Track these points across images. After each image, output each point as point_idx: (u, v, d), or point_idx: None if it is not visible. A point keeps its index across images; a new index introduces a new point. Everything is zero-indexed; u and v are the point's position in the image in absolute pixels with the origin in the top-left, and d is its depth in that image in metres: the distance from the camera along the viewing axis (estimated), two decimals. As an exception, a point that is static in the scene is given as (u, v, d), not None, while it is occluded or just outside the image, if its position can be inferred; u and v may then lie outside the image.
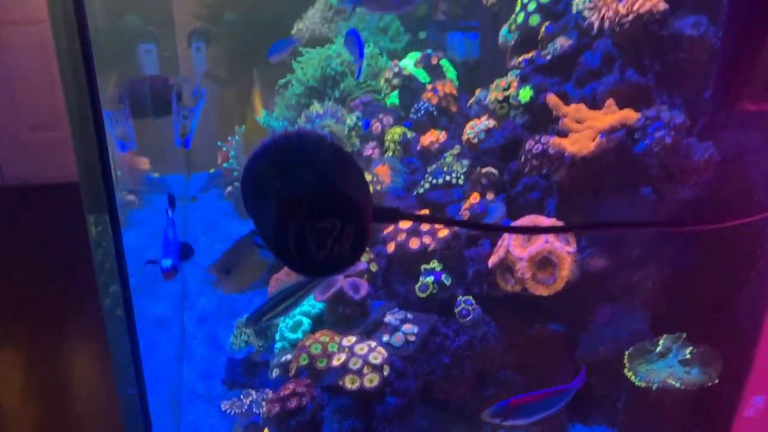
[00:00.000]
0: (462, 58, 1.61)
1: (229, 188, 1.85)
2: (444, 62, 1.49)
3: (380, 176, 1.21)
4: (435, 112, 1.40)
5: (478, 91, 1.38)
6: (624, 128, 1.04)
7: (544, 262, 1.09)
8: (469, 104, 1.40)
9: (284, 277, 1.35)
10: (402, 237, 1.17)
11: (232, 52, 2.05)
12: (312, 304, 1.17)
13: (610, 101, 1.05)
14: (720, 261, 1.15)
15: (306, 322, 1.16)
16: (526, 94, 1.13)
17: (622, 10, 1.04)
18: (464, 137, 1.21)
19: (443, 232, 1.12)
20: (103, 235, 0.82)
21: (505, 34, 1.37)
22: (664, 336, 1.19)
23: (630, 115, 1.03)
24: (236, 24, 2.05)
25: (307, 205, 0.61)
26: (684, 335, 1.17)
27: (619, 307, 1.17)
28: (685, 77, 1.06)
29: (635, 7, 1.02)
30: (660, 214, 1.09)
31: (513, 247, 1.08)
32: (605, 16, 1.05)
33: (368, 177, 1.21)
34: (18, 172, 3.86)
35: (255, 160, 0.62)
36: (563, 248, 1.08)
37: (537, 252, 1.09)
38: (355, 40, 1.27)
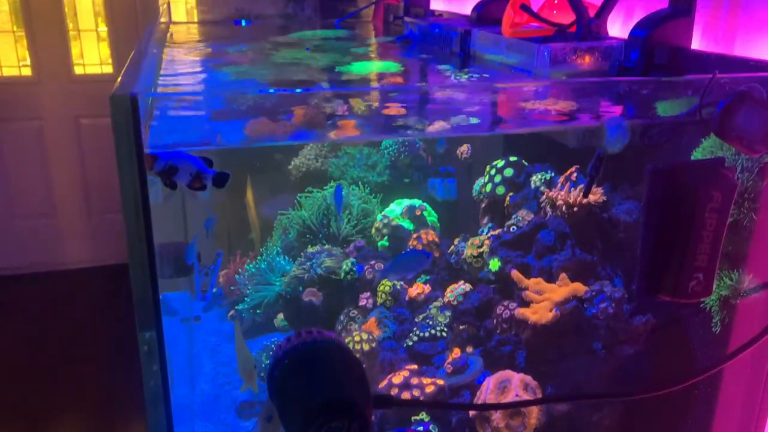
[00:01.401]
0: (442, 199, 1.85)
1: (232, 312, 2.04)
2: (426, 211, 1.72)
3: (373, 329, 1.42)
4: (420, 258, 1.62)
5: (456, 241, 1.60)
6: (575, 298, 1.26)
7: (516, 413, 1.29)
8: (449, 250, 1.63)
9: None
10: (395, 391, 1.37)
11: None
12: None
13: (563, 275, 1.28)
14: (663, 403, 1.36)
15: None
16: (495, 264, 1.37)
17: (571, 200, 1.28)
18: (445, 299, 1.43)
19: (430, 388, 1.33)
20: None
21: (477, 192, 1.61)
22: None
23: (579, 288, 1.26)
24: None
25: (324, 413, 0.81)
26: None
27: (583, 441, 1.38)
28: (623, 254, 1.29)
29: (581, 200, 1.26)
30: (609, 366, 1.31)
31: (489, 400, 1.29)
32: (557, 205, 1.29)
33: (364, 336, 1.41)
34: (12, 261, 4.10)
35: (277, 364, 0.83)
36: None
37: (504, 402, 1.29)
38: (336, 196, 1.51)
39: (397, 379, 1.35)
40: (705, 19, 1.31)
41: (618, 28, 1.55)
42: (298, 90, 0.95)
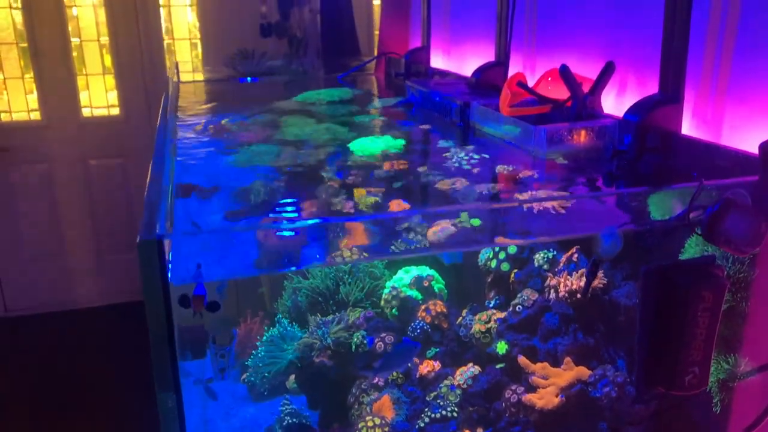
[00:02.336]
0: (449, 263, 1.90)
1: (245, 375, 2.09)
2: (434, 281, 1.77)
3: (385, 410, 1.46)
4: (429, 330, 1.67)
5: (464, 313, 1.65)
6: (580, 382, 1.31)
7: (523, 488, 1.34)
8: (458, 322, 1.68)
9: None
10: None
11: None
12: None
13: (567, 359, 1.33)
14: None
15: None
16: (502, 347, 1.42)
17: (574, 285, 1.33)
18: (455, 381, 1.48)
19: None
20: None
21: (483, 263, 1.66)
22: None
23: (583, 372, 1.30)
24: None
25: None
26: None
27: None
28: (624, 338, 1.34)
29: (581, 289, 1.31)
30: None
31: (497, 478, 1.33)
32: (560, 290, 1.34)
33: (377, 420, 1.46)
34: (22, 301, 4.21)
35: None
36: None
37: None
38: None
39: (408, 460, 1.40)
40: (693, 104, 1.37)
41: (612, 101, 1.61)
42: (316, 220, 1.00)
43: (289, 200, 1.32)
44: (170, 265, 0.85)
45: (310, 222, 0.98)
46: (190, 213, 1.17)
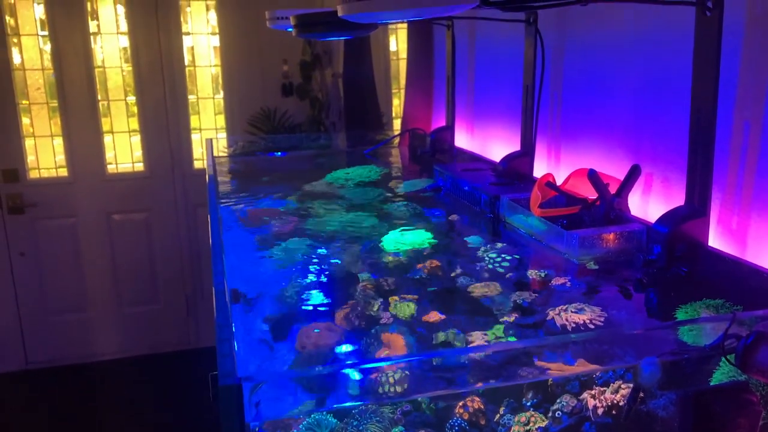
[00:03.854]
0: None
1: None
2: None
3: None
4: (467, 427, 1.70)
5: (502, 410, 1.69)
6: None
7: None
8: (495, 420, 1.71)
9: None
10: None
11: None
12: None
13: (603, 466, 1.37)
14: None
15: None
16: None
17: (610, 401, 1.37)
18: None
19: None
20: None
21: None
22: None
23: (618, 479, 1.33)
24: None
25: None
26: None
27: None
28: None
29: (621, 399, 1.36)
30: None
31: None
32: (596, 405, 1.38)
33: None
34: (44, 354, 4.32)
35: None
36: None
37: None
38: None
39: None
40: (719, 214, 1.42)
41: (637, 201, 1.67)
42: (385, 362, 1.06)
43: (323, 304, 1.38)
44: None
45: (383, 363, 1.03)
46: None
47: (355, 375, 0.95)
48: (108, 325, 4.74)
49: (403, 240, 1.71)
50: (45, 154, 4.49)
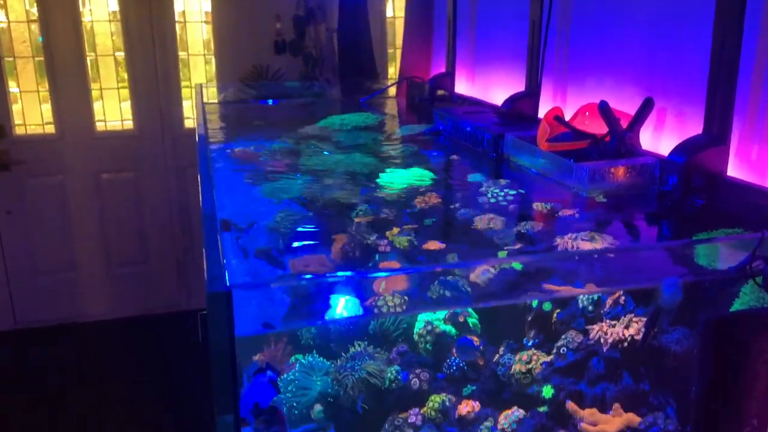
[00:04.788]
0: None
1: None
2: (469, 316, 1.74)
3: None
4: (465, 367, 1.64)
5: (501, 350, 1.62)
6: (629, 429, 1.28)
7: None
8: (494, 360, 1.64)
9: None
10: None
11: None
12: None
13: (616, 405, 1.30)
14: None
15: None
16: (548, 391, 1.40)
17: (620, 334, 1.30)
18: (499, 426, 1.45)
19: None
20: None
21: (522, 307, 1.63)
22: None
23: (633, 419, 1.28)
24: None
25: None
26: None
27: None
28: (675, 382, 1.31)
29: (631, 334, 1.29)
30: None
31: None
32: (606, 338, 1.31)
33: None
34: (34, 315, 4.24)
35: None
36: None
37: None
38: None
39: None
40: (738, 142, 1.35)
41: (649, 137, 1.59)
42: (377, 274, 0.98)
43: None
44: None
45: (379, 274, 0.95)
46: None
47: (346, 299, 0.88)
48: (97, 286, 4.65)
49: (401, 177, 1.63)
50: (32, 111, 4.36)
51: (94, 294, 4.67)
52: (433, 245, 1.24)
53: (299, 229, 1.32)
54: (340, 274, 1.01)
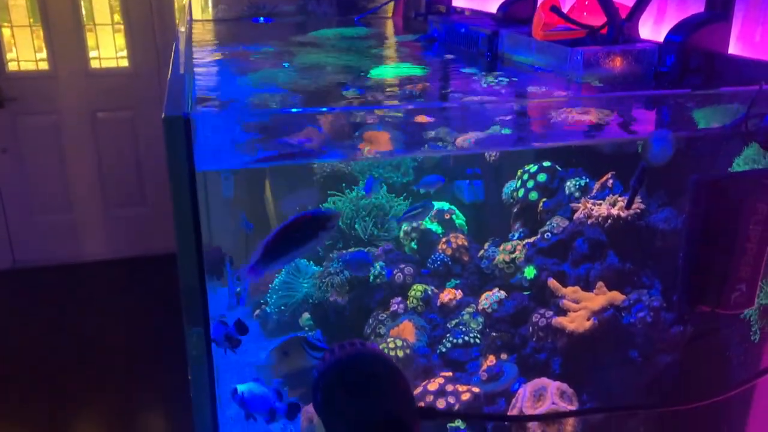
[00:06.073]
0: (468, 202, 1.84)
1: (258, 311, 2.05)
2: (454, 215, 1.72)
3: (407, 335, 1.42)
4: (450, 262, 1.62)
5: (486, 245, 1.60)
6: (613, 307, 1.26)
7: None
8: (479, 255, 1.62)
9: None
10: (430, 398, 1.37)
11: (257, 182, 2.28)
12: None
13: (600, 284, 1.28)
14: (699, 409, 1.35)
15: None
16: (530, 272, 1.36)
17: (606, 212, 1.27)
18: (480, 306, 1.43)
19: (466, 395, 1.33)
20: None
21: (508, 195, 1.60)
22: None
23: (617, 297, 1.25)
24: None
25: (372, 429, 0.81)
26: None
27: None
28: (661, 262, 1.28)
29: (617, 212, 1.25)
30: (646, 375, 1.30)
31: (526, 408, 1.29)
32: (591, 214, 1.28)
33: (398, 342, 1.41)
34: (31, 254, 4.19)
35: (323, 379, 0.83)
36: (567, 408, 1.29)
37: (546, 411, 1.29)
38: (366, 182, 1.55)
39: (433, 386, 1.36)
40: (741, 24, 1.29)
41: (649, 29, 1.53)
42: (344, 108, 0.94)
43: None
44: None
45: (338, 109, 0.92)
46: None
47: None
48: (95, 227, 4.64)
49: (393, 70, 1.58)
50: (24, 46, 4.29)
51: (92, 234, 4.66)
52: (422, 119, 1.20)
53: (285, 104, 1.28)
54: (295, 110, 0.97)
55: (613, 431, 1.35)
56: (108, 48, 4.43)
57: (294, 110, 0.91)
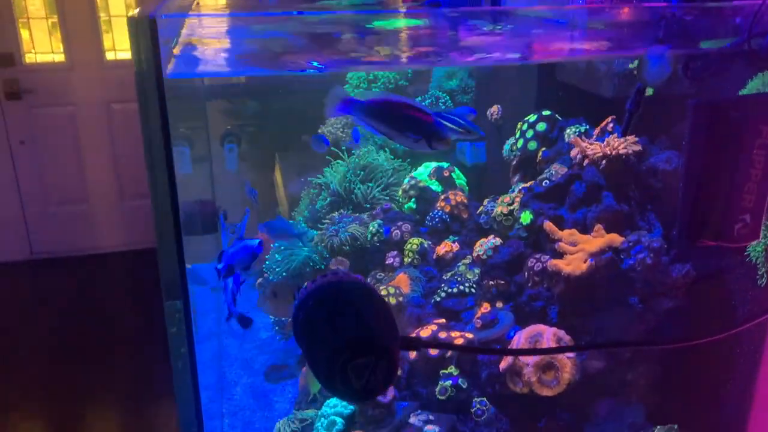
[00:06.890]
0: (471, 163, 1.80)
1: (260, 279, 2.03)
2: (454, 173, 1.68)
3: (401, 286, 1.39)
4: (448, 219, 1.58)
5: (486, 202, 1.56)
6: (611, 250, 1.21)
7: (548, 366, 1.25)
8: (478, 212, 1.58)
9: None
10: (423, 345, 1.33)
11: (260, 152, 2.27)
12: (344, 405, 1.33)
13: (598, 226, 1.23)
14: (703, 362, 1.30)
15: (339, 422, 1.32)
16: (526, 217, 1.32)
17: (604, 151, 1.22)
18: (474, 254, 1.39)
19: (459, 341, 1.29)
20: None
21: (508, 151, 1.56)
22: (658, 427, 1.33)
23: (615, 239, 1.20)
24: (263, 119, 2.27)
25: (349, 351, 0.78)
26: (676, 426, 1.32)
27: (618, 401, 1.33)
28: (662, 204, 1.23)
29: (615, 151, 1.21)
30: (647, 320, 1.25)
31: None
32: (589, 155, 1.24)
33: (391, 290, 1.38)
34: (46, 245, 4.13)
35: (303, 304, 0.80)
36: (564, 354, 1.24)
37: (542, 358, 1.25)
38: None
39: (425, 332, 1.32)
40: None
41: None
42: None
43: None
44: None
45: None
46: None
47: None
48: (111, 218, 4.67)
49: (397, 22, 1.55)
50: (40, 39, 4.34)
51: (108, 226, 4.69)
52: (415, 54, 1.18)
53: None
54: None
55: (611, 382, 1.30)
56: (123, 40, 4.47)
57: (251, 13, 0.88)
